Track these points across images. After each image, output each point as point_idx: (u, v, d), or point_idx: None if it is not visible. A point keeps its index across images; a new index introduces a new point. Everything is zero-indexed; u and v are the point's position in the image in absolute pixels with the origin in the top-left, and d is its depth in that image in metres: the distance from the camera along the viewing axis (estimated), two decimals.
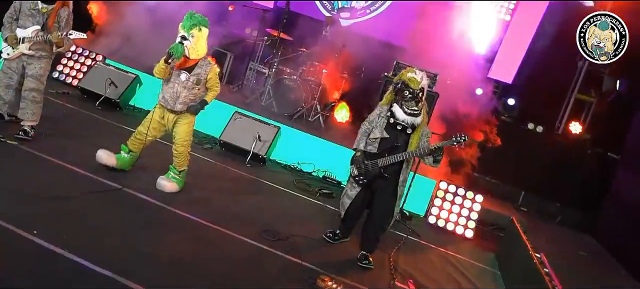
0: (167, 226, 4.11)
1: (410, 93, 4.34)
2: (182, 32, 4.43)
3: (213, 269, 3.66)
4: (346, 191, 4.71)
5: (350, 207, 4.63)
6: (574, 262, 6.28)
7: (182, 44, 4.40)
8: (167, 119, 4.69)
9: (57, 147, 4.89)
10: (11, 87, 4.98)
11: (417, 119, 4.40)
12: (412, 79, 4.35)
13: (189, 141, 4.77)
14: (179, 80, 4.57)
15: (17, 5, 4.94)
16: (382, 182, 4.47)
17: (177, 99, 4.59)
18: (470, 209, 6.33)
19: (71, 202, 3.94)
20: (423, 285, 4.48)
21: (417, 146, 4.40)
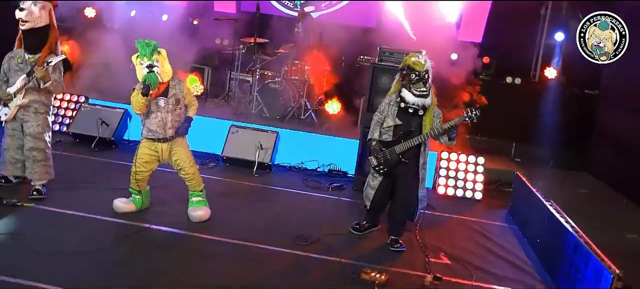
0: (205, 254, 4.17)
1: (416, 75, 4.50)
2: (146, 61, 4.35)
3: (264, 286, 3.75)
4: (368, 182, 4.84)
5: (375, 197, 4.77)
6: (578, 201, 6.57)
7: (153, 72, 4.37)
8: (161, 150, 4.67)
9: (73, 199, 4.87)
10: (23, 147, 4.91)
11: (426, 100, 4.56)
12: (416, 63, 4.52)
13: (193, 159, 4.81)
14: (160, 107, 4.56)
15: (5, 67, 4.86)
16: (403, 167, 4.62)
17: (166, 125, 4.58)
18: (475, 172, 6.57)
19: (110, 251, 3.97)
20: (454, 255, 4.67)
21: (431, 127, 4.56)
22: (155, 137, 4.59)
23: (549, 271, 4.43)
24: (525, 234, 5.34)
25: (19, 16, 4.70)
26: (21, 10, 4.68)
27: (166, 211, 4.87)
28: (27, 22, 4.70)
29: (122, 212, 4.70)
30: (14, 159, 4.95)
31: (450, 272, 4.28)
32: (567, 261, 4.12)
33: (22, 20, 4.70)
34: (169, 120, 4.56)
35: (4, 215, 4.39)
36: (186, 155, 4.71)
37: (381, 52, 6.46)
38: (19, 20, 4.71)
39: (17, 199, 4.66)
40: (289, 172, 6.74)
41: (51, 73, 4.76)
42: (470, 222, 5.65)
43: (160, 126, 4.54)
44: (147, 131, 4.62)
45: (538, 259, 4.74)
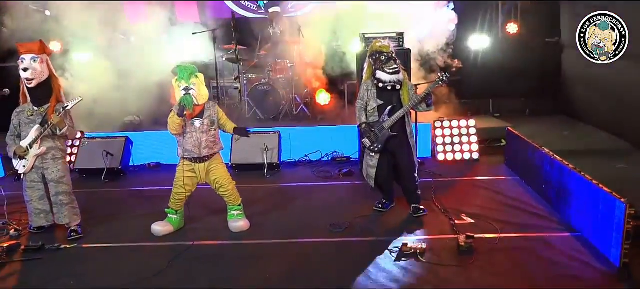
0: (256, 258, 4.44)
1: (386, 56, 4.97)
2: (183, 84, 4.62)
3: (319, 278, 4.07)
4: (367, 162, 5.23)
5: (378, 175, 5.16)
6: (564, 142, 7.13)
7: (189, 94, 4.63)
8: (198, 170, 4.92)
9: (110, 233, 5.06)
10: (44, 197, 5.04)
11: (399, 75, 5.00)
12: (382, 46, 5.01)
13: (229, 176, 5.06)
14: (195, 128, 4.80)
15: (16, 122, 4.96)
16: (395, 141, 5.04)
17: (201, 145, 4.82)
18: (468, 135, 7.03)
19: (169, 273, 4.19)
20: (474, 214, 5.10)
21: (409, 98, 4.97)
22: (191, 156, 4.82)
23: (562, 212, 4.90)
24: (529, 183, 5.82)
25: (25, 77, 4.81)
26: (25, 71, 4.79)
27: (202, 227, 5.11)
28: (33, 79, 4.83)
29: (162, 235, 4.92)
30: (37, 210, 5.07)
31: (477, 229, 4.69)
32: (577, 199, 4.60)
33: (27, 80, 4.81)
34: (203, 140, 4.79)
35: (53, 260, 4.54)
36: (224, 173, 4.96)
37: (363, 38, 6.75)
38: (24, 79, 4.83)
39: (58, 243, 4.81)
40: (297, 168, 7.05)
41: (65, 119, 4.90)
42: (476, 181, 6.11)
43: (195, 145, 4.77)
44: (183, 151, 4.85)
45: (548, 204, 5.22)
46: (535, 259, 4.12)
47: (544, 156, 5.41)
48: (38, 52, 4.90)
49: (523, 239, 4.49)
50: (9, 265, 4.47)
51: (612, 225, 3.96)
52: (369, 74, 5.12)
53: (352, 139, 7.11)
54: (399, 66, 5.01)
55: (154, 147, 7.44)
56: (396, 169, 5.15)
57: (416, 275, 3.98)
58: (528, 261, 4.09)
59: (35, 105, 4.94)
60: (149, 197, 6.14)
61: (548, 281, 3.80)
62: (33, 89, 4.89)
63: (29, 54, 4.85)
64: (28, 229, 5.14)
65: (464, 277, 3.91)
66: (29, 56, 4.84)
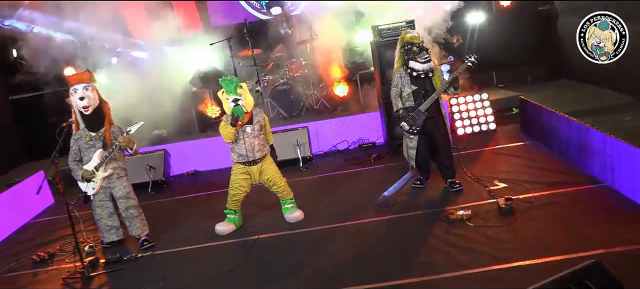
0: (320, 243, 4.92)
1: (417, 47, 5.39)
2: (232, 96, 5.02)
3: (383, 251, 4.56)
4: (406, 144, 5.69)
5: (418, 155, 5.62)
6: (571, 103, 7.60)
7: (239, 105, 5.04)
8: (252, 173, 5.34)
9: (177, 239, 5.51)
10: (113, 214, 5.47)
11: (431, 63, 5.44)
12: (413, 37, 5.44)
13: (280, 173, 5.50)
14: (247, 133, 5.22)
15: (75, 147, 5.34)
16: (431, 122, 5.49)
17: (254, 149, 5.25)
18: (483, 107, 7.53)
19: (247, 266, 4.67)
20: (505, 179, 5.59)
21: (441, 82, 5.43)
22: (245, 160, 5.25)
23: (585, 167, 5.41)
24: (547, 145, 6.33)
25: (82, 105, 5.21)
26: (82, 99, 5.20)
27: (261, 222, 5.57)
28: (89, 106, 5.24)
29: (226, 234, 5.37)
30: (108, 226, 5.50)
31: (512, 191, 5.20)
32: (599, 154, 5.12)
33: (84, 107, 5.21)
34: (256, 144, 5.22)
35: (135, 269, 4.99)
36: (275, 172, 5.40)
37: (377, 31, 7.15)
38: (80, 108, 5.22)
39: (134, 252, 5.25)
40: (328, 158, 7.52)
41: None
42: (498, 149, 6.63)
43: (249, 150, 5.21)
44: (237, 156, 5.26)
45: (570, 161, 5.73)
46: (572, 211, 4.63)
47: (561, 118, 5.92)
48: (88, 81, 5.32)
49: (555, 196, 5.00)
50: (97, 278, 4.91)
51: (635, 172, 4.49)
52: (400, 63, 5.54)
53: (375, 124, 7.60)
54: (430, 55, 5.44)
55: (189, 156, 7.86)
56: (432, 148, 5.61)
57: (469, 238, 4.47)
58: (566, 214, 4.61)
59: (90, 130, 5.34)
60: (198, 202, 6.60)
61: (586, 227, 4.31)
62: (88, 116, 5.30)
63: (81, 84, 5.26)
64: (101, 244, 5.57)
65: (511, 234, 4.42)
66: (81, 86, 5.25)
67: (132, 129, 5.24)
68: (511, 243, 4.29)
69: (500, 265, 3.97)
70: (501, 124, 7.63)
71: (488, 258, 4.10)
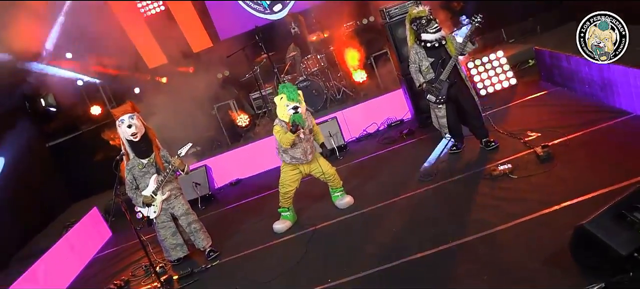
0: (375, 222, 5.22)
1: (425, 20, 5.65)
2: (292, 103, 5.21)
3: (437, 218, 4.85)
4: (436, 114, 5.94)
5: (449, 122, 5.87)
6: None
7: (298, 112, 5.25)
8: (302, 169, 5.61)
9: (241, 244, 5.85)
10: (176, 233, 5.82)
11: (442, 32, 5.69)
12: (420, 11, 5.70)
13: (329, 163, 5.76)
14: (301, 138, 5.42)
15: (130, 177, 5.68)
16: (454, 88, 5.73)
17: (307, 152, 5.51)
18: (500, 65, 7.73)
19: (313, 254, 5.00)
20: (536, 129, 5.81)
21: (455, 47, 5.67)
22: (301, 162, 5.53)
23: (613, 102, 5.61)
24: (570, 87, 6.53)
25: (131, 133, 5.53)
26: (130, 127, 5.52)
27: (314, 214, 5.89)
28: (137, 133, 5.56)
29: (284, 231, 5.70)
30: (173, 244, 5.84)
31: (546, 139, 5.44)
32: (624, 86, 5.33)
33: (133, 135, 5.55)
34: (308, 147, 5.50)
35: (208, 279, 5.34)
36: (325, 163, 5.68)
37: (386, 12, 7.38)
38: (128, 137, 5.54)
39: (203, 264, 5.60)
40: (361, 143, 7.81)
41: (171, 159, 5.64)
42: (523, 102, 6.85)
43: (303, 153, 5.48)
44: (291, 158, 5.52)
45: (596, 99, 5.93)
46: (608, 146, 4.87)
47: (579, 60, 6.12)
48: (132, 111, 5.65)
49: (589, 134, 5.24)
50: None
51: None
52: (413, 39, 5.81)
53: (399, 102, 7.86)
54: (439, 24, 5.70)
55: (229, 167, 8.21)
56: (461, 113, 5.86)
57: (515, 190, 4.74)
58: (602, 149, 4.85)
59: (141, 158, 5.68)
60: (249, 207, 6.94)
61: (627, 158, 4.53)
62: (137, 143, 5.63)
63: (126, 114, 5.59)
64: (170, 263, 5.93)
65: (556, 178, 4.67)
66: (127, 116, 5.57)
67: (182, 151, 5.54)
68: (556, 186, 4.54)
69: (550, 208, 4.23)
70: (521, 77, 7.83)
71: (537, 204, 4.35)
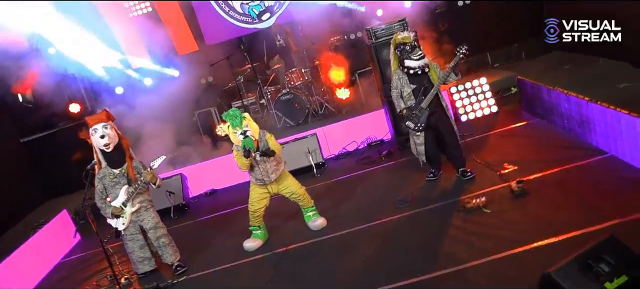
0: (346, 247, 5.16)
1: (409, 46, 5.64)
2: (239, 130, 5.13)
3: (408, 247, 4.80)
4: (414, 141, 5.91)
5: (427, 150, 5.85)
6: (568, 76, 7.86)
7: (248, 136, 5.15)
8: (271, 189, 5.52)
9: (209, 259, 5.75)
10: (144, 246, 5.69)
11: (425, 59, 5.67)
12: (404, 38, 5.68)
13: (298, 183, 5.68)
14: (258, 161, 5.33)
15: (100, 186, 5.54)
16: (434, 116, 5.71)
17: (268, 172, 5.40)
18: (483, 92, 7.74)
19: (281, 277, 4.91)
20: (513, 161, 5.80)
21: (438, 76, 5.66)
22: (263, 182, 5.45)
23: (589, 140, 5.63)
24: (550, 121, 6.54)
25: (103, 143, 5.40)
26: (103, 138, 5.40)
27: (286, 233, 5.80)
28: (110, 144, 5.44)
29: (254, 249, 5.61)
30: (140, 258, 5.71)
31: (522, 172, 5.43)
32: (601, 125, 5.34)
33: (106, 145, 5.42)
34: (268, 167, 5.38)
35: None
36: (293, 182, 5.60)
37: (372, 32, 7.31)
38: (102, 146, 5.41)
39: (169, 279, 5.48)
40: (339, 161, 7.74)
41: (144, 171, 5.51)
42: (503, 131, 6.85)
43: (264, 174, 5.38)
44: (254, 180, 5.45)
45: (573, 135, 5.94)
46: (583, 185, 4.87)
47: (560, 95, 6.14)
48: (106, 120, 5.52)
49: (565, 172, 5.24)
50: None
51: (637, 140, 4.72)
52: (396, 65, 5.78)
53: (380, 122, 7.82)
54: (423, 51, 5.69)
55: (205, 176, 8.08)
56: (440, 141, 5.83)
57: (488, 224, 4.71)
58: (577, 188, 4.84)
59: (113, 167, 5.55)
60: (222, 221, 6.83)
61: (598, 199, 4.54)
62: (110, 154, 5.50)
63: (100, 123, 5.46)
64: (136, 275, 5.79)
65: (529, 215, 4.65)
66: (100, 125, 5.45)
67: (155, 163, 5.43)
68: (529, 224, 4.52)
69: (521, 247, 4.20)
70: (502, 105, 7.84)
71: (508, 242, 4.33)
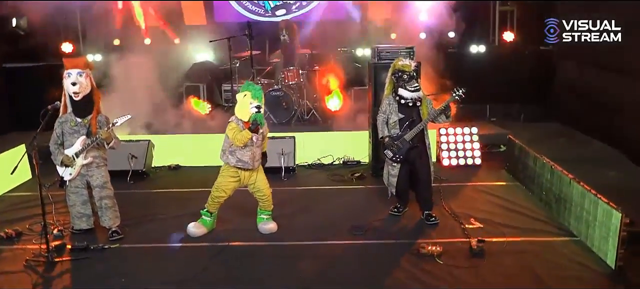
0: (287, 258, 4.89)
1: (407, 75, 5.40)
2: (255, 102, 4.97)
3: (347, 277, 4.54)
4: (389, 171, 5.67)
5: (399, 183, 5.61)
6: (561, 150, 7.63)
7: (261, 113, 5.01)
8: (243, 177, 5.28)
9: (149, 233, 5.46)
10: (86, 202, 5.42)
11: (420, 92, 5.45)
12: (405, 65, 5.45)
13: (267, 183, 5.44)
14: (253, 142, 5.15)
15: (59, 130, 5.29)
16: (415, 151, 5.48)
17: (255, 158, 5.21)
18: (471, 141, 7.53)
19: (213, 270, 4.65)
20: (481, 218, 5.57)
21: (428, 112, 5.43)
22: (245, 167, 5.20)
23: (562, 218, 5.41)
24: (529, 188, 6.33)
25: (73, 91, 5.16)
26: (74, 85, 5.15)
27: (233, 228, 5.53)
28: (79, 93, 5.19)
29: (197, 236, 5.34)
30: (80, 213, 5.44)
31: (485, 233, 5.19)
32: (577, 207, 5.11)
33: (75, 93, 5.17)
34: (257, 153, 5.20)
35: (100, 259, 4.94)
36: (264, 180, 5.37)
37: (377, 52, 7.12)
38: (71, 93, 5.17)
39: (102, 243, 5.21)
40: (310, 171, 7.50)
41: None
42: (480, 186, 6.62)
43: (251, 158, 5.16)
44: (237, 161, 5.17)
45: (548, 209, 5.73)
46: (541, 262, 4.62)
47: (545, 165, 5.92)
48: (83, 68, 5.27)
49: (528, 243, 4.99)
50: (60, 264, 4.86)
51: (609, 232, 4.49)
52: (390, 90, 5.55)
53: (362, 144, 7.58)
54: (419, 84, 5.45)
55: (174, 149, 7.82)
56: (413, 178, 5.59)
57: (435, 276, 4.46)
58: (534, 264, 4.59)
59: (77, 116, 5.29)
60: (176, 198, 6.56)
61: (552, 281, 4.30)
62: (77, 102, 5.24)
63: (75, 69, 5.21)
64: (71, 230, 5.51)
65: (477, 278, 4.40)
66: (76, 71, 5.20)
67: (118, 121, 5.18)
68: (476, 286, 4.28)
69: None
70: (487, 159, 7.63)
71: None
